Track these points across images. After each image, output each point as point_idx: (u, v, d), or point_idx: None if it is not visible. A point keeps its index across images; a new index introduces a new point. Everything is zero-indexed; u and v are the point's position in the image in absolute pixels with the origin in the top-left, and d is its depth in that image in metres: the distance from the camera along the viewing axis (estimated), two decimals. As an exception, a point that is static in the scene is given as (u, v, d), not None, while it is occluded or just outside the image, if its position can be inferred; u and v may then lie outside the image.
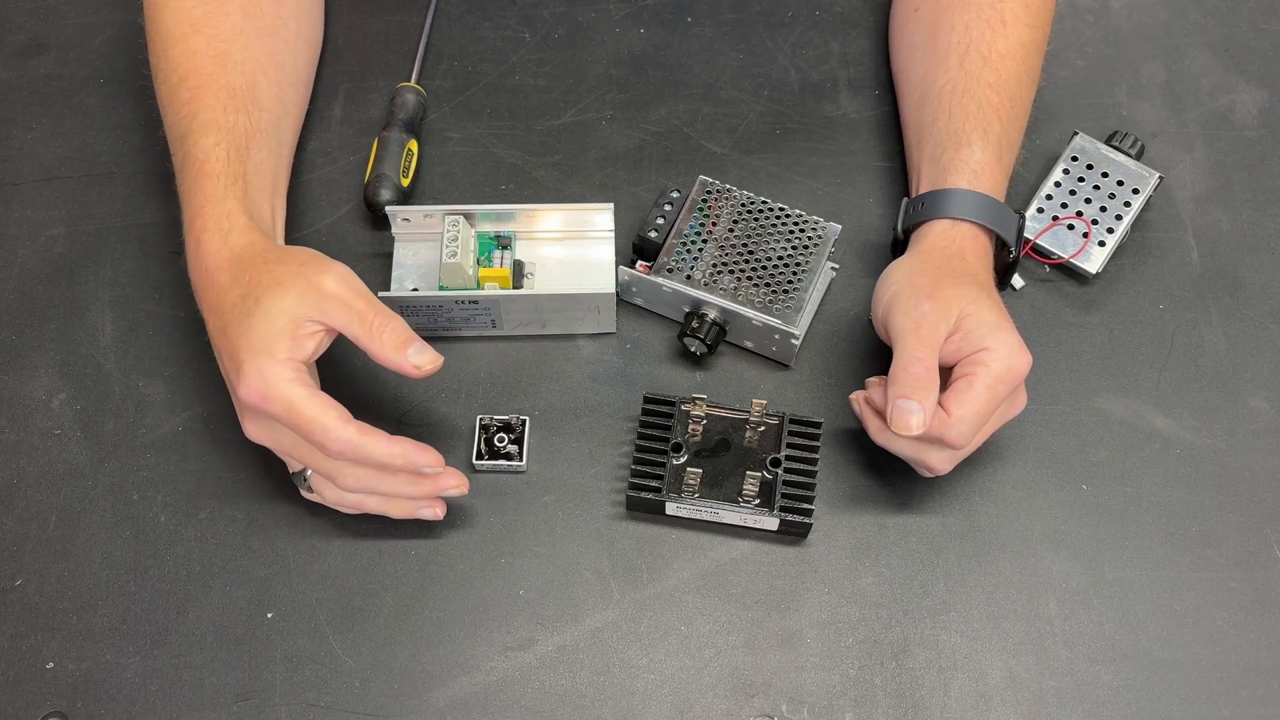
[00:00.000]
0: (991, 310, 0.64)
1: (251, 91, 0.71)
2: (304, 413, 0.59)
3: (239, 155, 0.68)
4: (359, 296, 0.61)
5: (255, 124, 0.70)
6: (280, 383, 0.59)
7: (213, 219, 0.65)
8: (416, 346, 0.61)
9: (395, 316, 0.61)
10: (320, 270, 0.61)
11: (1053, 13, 0.78)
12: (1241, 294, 0.77)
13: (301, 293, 0.60)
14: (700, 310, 0.72)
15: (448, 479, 0.64)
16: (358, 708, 0.64)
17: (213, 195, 0.66)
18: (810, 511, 0.67)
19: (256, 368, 0.59)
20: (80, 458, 0.70)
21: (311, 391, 0.60)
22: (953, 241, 0.69)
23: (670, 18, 0.87)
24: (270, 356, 0.59)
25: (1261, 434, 0.72)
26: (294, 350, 0.60)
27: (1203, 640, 0.66)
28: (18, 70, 0.84)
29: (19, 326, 0.74)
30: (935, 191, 0.70)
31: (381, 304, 0.62)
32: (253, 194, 0.68)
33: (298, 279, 0.61)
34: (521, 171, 0.81)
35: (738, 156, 0.81)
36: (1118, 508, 0.70)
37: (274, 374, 0.59)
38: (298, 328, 0.60)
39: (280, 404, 0.59)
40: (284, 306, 0.60)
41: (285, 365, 0.59)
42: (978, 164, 0.71)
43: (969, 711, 0.64)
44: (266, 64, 0.73)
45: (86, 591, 0.66)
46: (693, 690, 0.64)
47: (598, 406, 0.72)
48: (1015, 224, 0.71)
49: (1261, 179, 0.81)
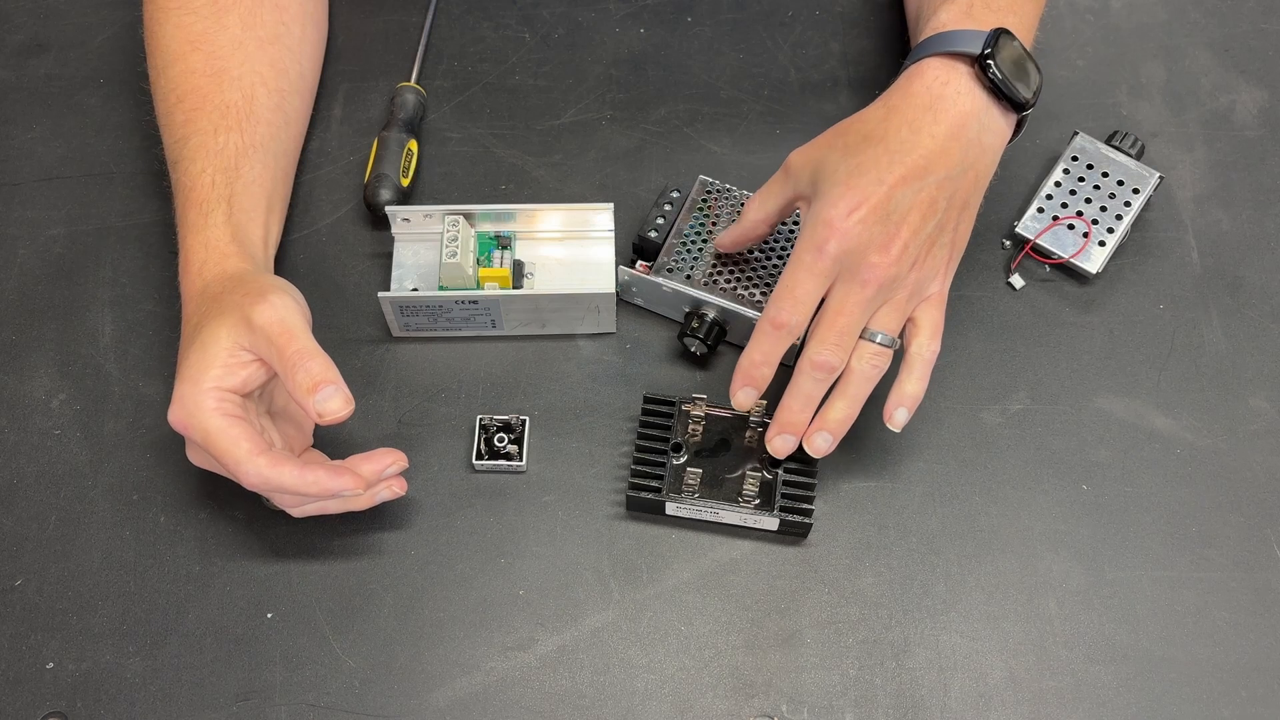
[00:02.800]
0: (843, 163, 0.61)
1: (248, 106, 0.71)
2: (217, 444, 0.59)
3: (226, 178, 0.68)
4: (284, 331, 0.59)
5: (249, 140, 0.70)
6: (199, 411, 0.59)
7: (192, 250, 0.66)
8: (326, 392, 0.59)
9: (316, 356, 0.59)
10: (254, 301, 0.60)
11: None
12: (1241, 294, 0.77)
13: (234, 323, 0.60)
14: (700, 310, 0.72)
15: (378, 489, 0.64)
16: (358, 708, 0.64)
17: (195, 225, 0.67)
18: (810, 511, 0.67)
19: (182, 394, 0.60)
20: (80, 458, 0.70)
21: (230, 422, 0.59)
22: (898, 88, 0.64)
23: (670, 18, 0.87)
24: (195, 384, 0.59)
25: (1261, 434, 0.72)
26: (221, 379, 0.60)
27: (1203, 640, 0.66)
28: (18, 70, 0.84)
29: (19, 326, 0.74)
30: (916, 45, 0.67)
31: (309, 341, 0.60)
32: (238, 215, 0.68)
33: (234, 309, 0.61)
34: (521, 171, 0.81)
35: (738, 156, 0.81)
36: (1118, 508, 0.70)
37: (195, 402, 0.59)
38: (230, 356, 0.60)
39: (198, 432, 0.59)
40: (218, 335, 0.60)
41: (209, 394, 0.59)
42: (939, 22, 0.66)
43: (969, 711, 0.64)
44: (268, 74, 0.73)
45: (86, 591, 0.66)
46: (693, 690, 0.64)
47: (598, 406, 0.72)
48: (986, 37, 0.63)
49: (1261, 179, 0.81)
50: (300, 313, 0.62)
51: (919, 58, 0.65)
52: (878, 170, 0.61)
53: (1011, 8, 0.67)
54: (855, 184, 0.61)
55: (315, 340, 0.60)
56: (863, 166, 0.62)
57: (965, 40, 0.63)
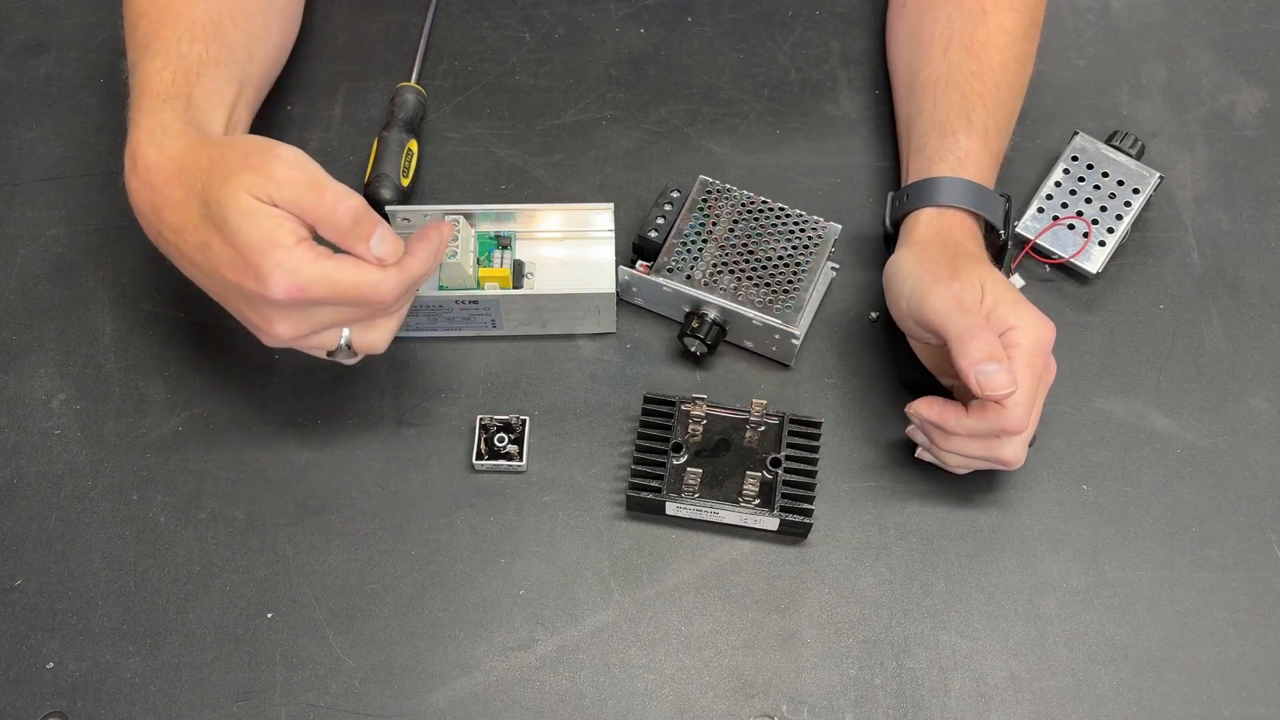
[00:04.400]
0: (1007, 288, 0.65)
1: (214, 27, 0.68)
2: (349, 280, 0.57)
3: (185, 79, 0.64)
4: (316, 187, 0.56)
5: (213, 56, 0.66)
6: (308, 266, 0.56)
7: (144, 131, 0.61)
8: (375, 238, 0.57)
9: (351, 200, 0.57)
10: (266, 157, 0.56)
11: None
12: (1241, 294, 0.77)
13: (255, 183, 0.56)
14: (700, 310, 0.72)
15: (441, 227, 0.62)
16: (358, 708, 0.64)
17: (149, 110, 0.62)
18: (810, 511, 0.67)
19: (277, 263, 0.55)
20: (80, 458, 0.70)
21: (338, 260, 0.57)
22: (943, 229, 0.69)
23: (670, 18, 0.87)
24: (280, 246, 0.55)
25: (1261, 434, 0.72)
26: (297, 230, 0.56)
27: (1203, 640, 0.66)
28: (18, 70, 0.84)
29: (19, 326, 0.74)
30: (920, 181, 0.71)
31: (338, 186, 0.57)
32: (198, 115, 0.62)
33: (246, 170, 0.56)
34: (521, 171, 0.81)
35: (738, 156, 0.81)
36: (1118, 508, 0.70)
37: (297, 261, 0.56)
38: (277, 213, 0.56)
39: (321, 285, 0.56)
40: (246, 196, 0.56)
41: (301, 248, 0.56)
42: (962, 151, 0.71)
43: (969, 711, 0.64)
44: (235, 11, 0.70)
45: (86, 591, 0.66)
46: (693, 690, 0.64)
47: (598, 406, 0.72)
48: (1001, 207, 0.71)
49: (1261, 179, 0.81)
50: (306, 155, 0.58)
51: (952, 204, 0.70)
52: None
53: (1009, 121, 0.76)
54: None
55: (338, 184, 0.57)
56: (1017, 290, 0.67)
57: (991, 206, 0.71)
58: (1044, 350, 0.63)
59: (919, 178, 0.71)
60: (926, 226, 0.70)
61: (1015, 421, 0.62)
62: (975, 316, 0.63)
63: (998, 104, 0.73)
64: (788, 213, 0.74)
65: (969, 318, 0.62)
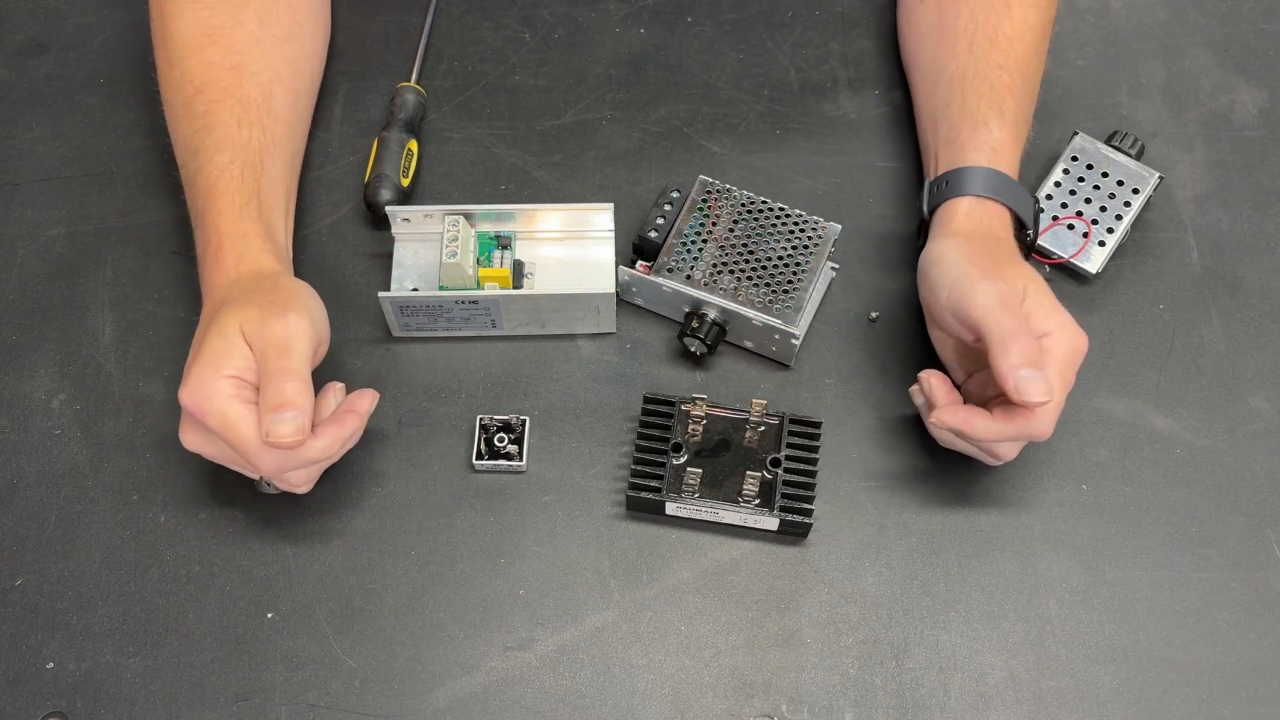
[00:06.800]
0: (1047, 292, 0.65)
1: (267, 103, 0.71)
2: (236, 429, 0.59)
3: (253, 173, 0.68)
4: (281, 348, 0.60)
5: (270, 138, 0.70)
6: (216, 396, 0.59)
7: (229, 239, 0.66)
8: (285, 415, 0.58)
9: (297, 380, 0.59)
10: (277, 312, 0.61)
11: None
12: (1241, 294, 0.77)
13: (252, 318, 0.60)
14: (700, 310, 0.72)
15: (363, 401, 0.65)
16: (358, 708, 0.64)
17: (227, 213, 0.67)
18: (810, 511, 0.67)
19: (201, 377, 0.60)
20: (80, 458, 0.70)
21: (249, 409, 0.59)
22: (983, 221, 0.69)
23: (670, 18, 0.87)
24: (215, 368, 0.59)
25: (1261, 434, 0.72)
26: (241, 368, 0.60)
27: (1203, 640, 0.66)
28: (18, 70, 0.84)
29: (19, 326, 0.74)
30: (959, 169, 0.70)
31: (299, 364, 0.60)
32: (266, 212, 0.68)
33: (257, 308, 0.61)
34: (521, 171, 0.81)
35: (738, 156, 0.81)
36: (1118, 508, 0.70)
37: (213, 387, 0.59)
38: (246, 346, 0.60)
39: (215, 417, 0.59)
40: (236, 325, 0.60)
41: (228, 381, 0.59)
42: (996, 142, 0.71)
43: (969, 711, 0.64)
44: (284, 72, 0.73)
45: (86, 591, 0.66)
46: (693, 690, 0.64)
47: (598, 406, 0.72)
48: (1032, 205, 0.71)
49: (1261, 179, 0.81)
50: (309, 338, 0.61)
51: (991, 195, 0.70)
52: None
53: (1030, 117, 0.75)
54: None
55: (309, 369, 0.61)
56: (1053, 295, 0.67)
57: (1024, 202, 0.71)
58: (1077, 361, 0.63)
59: (950, 168, 0.71)
60: (967, 217, 0.69)
61: (1043, 428, 0.62)
62: (1018, 318, 0.62)
63: (1024, 97, 0.74)
64: (787, 213, 0.74)
65: (1012, 319, 0.62)
